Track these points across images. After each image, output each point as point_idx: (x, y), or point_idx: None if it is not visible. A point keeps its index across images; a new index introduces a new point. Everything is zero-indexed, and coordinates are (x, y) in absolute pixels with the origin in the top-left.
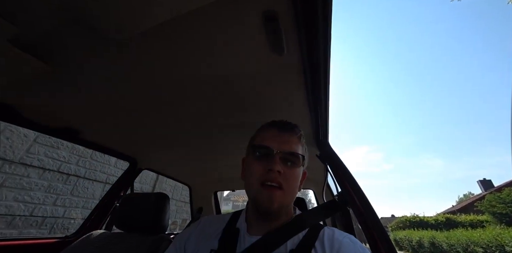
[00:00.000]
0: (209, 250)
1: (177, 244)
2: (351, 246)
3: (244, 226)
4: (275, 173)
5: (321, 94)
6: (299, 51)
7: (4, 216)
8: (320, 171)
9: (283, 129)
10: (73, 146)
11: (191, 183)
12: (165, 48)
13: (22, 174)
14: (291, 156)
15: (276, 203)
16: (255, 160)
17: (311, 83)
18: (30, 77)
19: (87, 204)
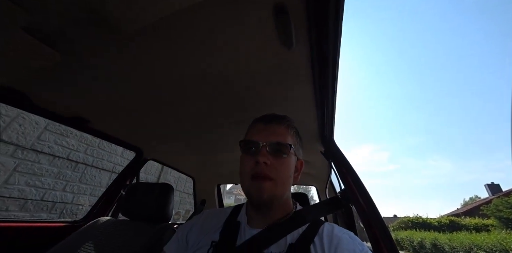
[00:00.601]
0: (210, 242)
1: (179, 235)
2: (350, 242)
3: (244, 219)
4: (262, 165)
5: (328, 90)
6: (308, 46)
7: (17, 200)
8: (324, 168)
9: (269, 122)
10: (82, 135)
11: (195, 175)
12: (173, 43)
13: (33, 160)
14: (278, 146)
15: (266, 194)
16: (245, 155)
17: (318, 78)
18: (43, 66)
19: (95, 191)
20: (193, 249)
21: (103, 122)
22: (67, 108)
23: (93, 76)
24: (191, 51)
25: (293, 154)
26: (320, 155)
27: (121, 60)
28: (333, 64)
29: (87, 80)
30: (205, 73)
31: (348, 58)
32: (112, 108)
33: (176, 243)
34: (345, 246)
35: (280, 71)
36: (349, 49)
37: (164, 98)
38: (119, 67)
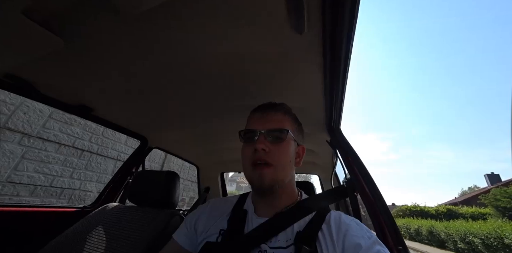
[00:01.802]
0: (218, 230)
1: (188, 224)
2: (358, 229)
3: (251, 207)
4: (260, 152)
5: (339, 79)
6: (321, 31)
7: (27, 186)
8: (328, 157)
9: (265, 110)
10: (86, 123)
11: (199, 164)
12: (180, 26)
13: (40, 147)
14: (275, 133)
15: (267, 180)
16: (245, 144)
17: (329, 66)
18: (45, 53)
19: (101, 178)
20: (202, 237)
21: (107, 110)
22: (70, 95)
23: (96, 63)
24: (197, 35)
25: (291, 139)
26: (325, 144)
27: (125, 45)
28: (345, 52)
29: (91, 67)
30: (211, 59)
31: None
32: (116, 96)
33: (185, 231)
34: (354, 233)
35: (289, 57)
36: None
37: (169, 86)
38: (124, 53)
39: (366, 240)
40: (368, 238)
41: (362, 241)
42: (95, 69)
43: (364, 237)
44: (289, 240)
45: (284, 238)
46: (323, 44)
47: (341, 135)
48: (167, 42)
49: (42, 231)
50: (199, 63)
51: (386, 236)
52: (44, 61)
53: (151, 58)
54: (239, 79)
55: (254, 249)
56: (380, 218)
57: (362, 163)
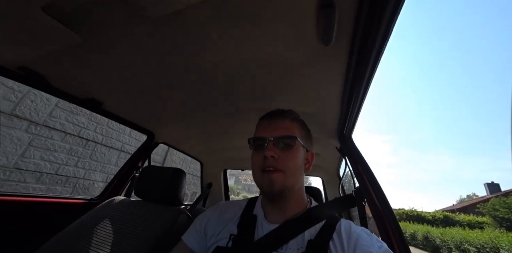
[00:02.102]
0: (228, 235)
1: (197, 227)
2: (368, 239)
3: (261, 212)
4: (269, 159)
5: (360, 88)
6: (349, 43)
7: (33, 173)
8: (334, 162)
9: (273, 117)
10: (91, 113)
11: (202, 160)
12: (198, 27)
13: (46, 136)
14: (284, 139)
15: (277, 185)
16: (255, 152)
17: (352, 77)
18: (60, 47)
19: (105, 168)
20: (212, 241)
21: (116, 105)
22: (81, 89)
23: (109, 59)
24: (213, 38)
25: (300, 145)
26: (332, 148)
27: (139, 44)
28: (373, 64)
29: (103, 62)
30: (228, 61)
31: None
32: (125, 91)
33: (194, 234)
34: (364, 242)
35: (310, 65)
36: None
37: (180, 84)
38: (137, 51)
39: (377, 250)
40: (379, 248)
41: (373, 250)
42: (107, 65)
43: (374, 247)
44: (300, 249)
45: (295, 246)
46: (349, 55)
47: (352, 144)
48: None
49: (51, 222)
50: (215, 64)
51: (394, 248)
52: (58, 56)
53: (164, 57)
54: (253, 82)
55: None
56: (388, 228)
57: (371, 172)
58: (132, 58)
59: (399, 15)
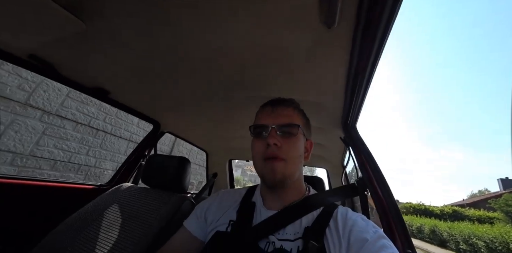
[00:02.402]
0: (228, 220)
1: (198, 213)
2: (363, 224)
3: (259, 200)
4: (273, 147)
5: (364, 76)
6: (353, 26)
7: (48, 160)
8: (338, 152)
9: (276, 105)
10: (100, 103)
11: (208, 149)
12: (202, 15)
13: (59, 125)
14: (287, 128)
15: (279, 173)
16: (256, 139)
17: (356, 62)
18: (67, 35)
19: (114, 157)
20: (212, 226)
21: (123, 94)
22: (89, 78)
23: (114, 47)
24: (219, 22)
25: (301, 134)
26: (337, 139)
27: (144, 30)
28: (376, 50)
29: (109, 50)
30: (230, 47)
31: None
32: (131, 80)
33: (195, 219)
34: (359, 228)
35: (314, 50)
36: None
37: (185, 73)
38: (142, 38)
39: (372, 235)
40: (374, 233)
41: (368, 235)
42: (113, 53)
43: (369, 232)
44: (297, 234)
45: (292, 231)
46: (352, 40)
47: (356, 133)
48: (189, 30)
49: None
50: (219, 52)
51: (395, 238)
52: (66, 44)
53: (170, 45)
54: (257, 70)
55: (262, 240)
56: (390, 219)
57: (375, 163)
58: (137, 45)
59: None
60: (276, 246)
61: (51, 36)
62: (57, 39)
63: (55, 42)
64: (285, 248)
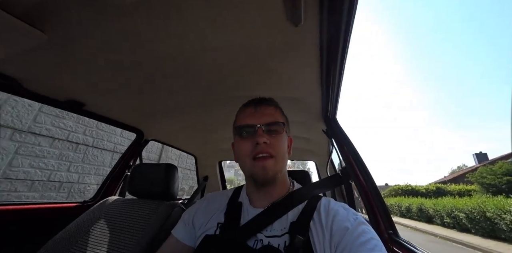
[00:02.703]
0: (216, 223)
1: (186, 220)
2: (344, 213)
3: (246, 199)
4: (262, 145)
5: (336, 69)
6: (318, 23)
7: (24, 181)
8: (324, 145)
9: (258, 104)
10: (78, 116)
11: (196, 153)
12: (171, 16)
13: (33, 142)
14: (273, 126)
15: (271, 171)
16: (242, 139)
17: (326, 57)
18: (27, 47)
19: (99, 171)
20: (201, 231)
21: (99, 105)
22: (60, 91)
23: (84, 57)
24: (190, 24)
25: (285, 131)
26: (321, 132)
27: (114, 38)
28: (343, 44)
29: (79, 60)
30: (206, 49)
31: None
32: (108, 90)
33: (183, 226)
34: (341, 217)
35: (285, 48)
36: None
37: (163, 78)
38: (112, 45)
39: (352, 222)
40: (354, 220)
41: (348, 223)
42: (84, 63)
43: (350, 220)
44: (284, 229)
45: (279, 227)
46: (319, 35)
47: (337, 125)
48: (159, 34)
49: (44, 228)
50: (193, 55)
51: (378, 221)
52: (29, 56)
53: (142, 50)
54: (234, 70)
55: (251, 239)
56: (373, 204)
57: (357, 152)
58: (106, 53)
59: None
60: (264, 243)
61: (10, 49)
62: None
63: (16, 56)
64: (272, 244)
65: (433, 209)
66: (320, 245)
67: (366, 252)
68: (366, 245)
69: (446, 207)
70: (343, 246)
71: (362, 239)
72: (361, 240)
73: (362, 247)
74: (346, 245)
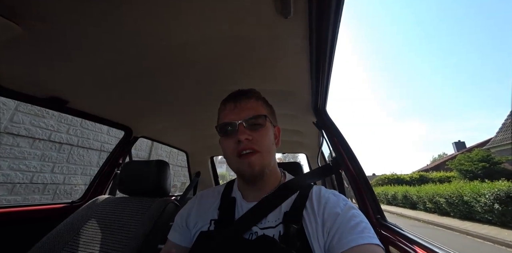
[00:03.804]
0: (209, 220)
1: (179, 223)
2: (334, 200)
3: (239, 194)
4: (244, 142)
5: (325, 61)
6: (307, 15)
7: (4, 184)
8: (314, 137)
9: (238, 99)
10: (60, 114)
11: (187, 149)
12: (158, 9)
13: (11, 144)
14: (254, 120)
15: (257, 166)
16: (225, 137)
17: (315, 49)
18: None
19: (86, 170)
20: (195, 230)
21: (84, 101)
22: (40, 88)
23: (64, 51)
24: (178, 18)
25: (269, 122)
26: (311, 124)
27: (95, 31)
28: (332, 36)
29: (59, 55)
30: (193, 42)
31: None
32: (93, 86)
33: (178, 229)
34: (331, 204)
35: (275, 41)
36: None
37: (149, 73)
38: (94, 39)
39: (342, 208)
40: (344, 205)
41: (339, 209)
42: (64, 58)
43: (340, 206)
44: (278, 220)
45: (273, 219)
46: (309, 28)
47: (327, 117)
48: (145, 28)
49: (31, 230)
50: (180, 49)
51: (367, 207)
52: (3, 51)
53: (126, 44)
54: (223, 64)
55: (246, 233)
56: (362, 192)
57: (347, 143)
58: (88, 47)
59: None
60: (259, 235)
61: None
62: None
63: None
64: (267, 235)
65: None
66: (313, 232)
67: (357, 234)
68: (356, 228)
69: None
70: (334, 230)
71: (352, 223)
72: (352, 224)
73: (352, 230)
74: (338, 229)
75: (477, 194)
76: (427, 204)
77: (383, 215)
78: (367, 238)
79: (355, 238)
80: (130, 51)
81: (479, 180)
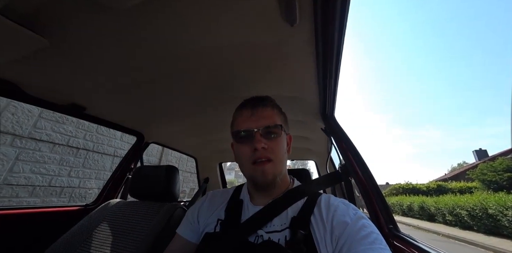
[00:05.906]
0: (216, 219)
1: (190, 218)
2: (344, 208)
3: (247, 197)
4: (260, 150)
5: (332, 67)
6: (313, 23)
7: (25, 186)
8: (323, 143)
9: (255, 106)
10: (78, 121)
11: (196, 155)
12: (169, 17)
13: (33, 148)
14: (270, 129)
15: (270, 175)
16: (240, 144)
17: (322, 55)
18: (28, 53)
19: (100, 175)
20: (203, 227)
21: (99, 108)
22: (61, 95)
23: (85, 60)
24: (188, 26)
25: (284, 132)
26: (320, 131)
27: (113, 41)
28: (338, 42)
29: (79, 64)
30: (203, 50)
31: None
32: (108, 93)
33: (188, 225)
34: (341, 212)
35: (282, 47)
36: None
37: (161, 80)
38: (112, 49)
39: (352, 217)
40: (354, 215)
41: (348, 218)
42: (84, 67)
43: (349, 215)
44: (284, 225)
45: (279, 223)
46: (315, 34)
47: (335, 123)
48: (156, 36)
49: (47, 231)
50: (191, 56)
51: (378, 216)
52: (29, 61)
53: (140, 53)
54: (232, 70)
55: (252, 236)
56: (373, 200)
57: (356, 149)
58: (107, 56)
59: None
60: (264, 239)
61: (11, 55)
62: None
63: (17, 61)
64: (272, 239)
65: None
66: (321, 239)
67: (367, 245)
68: (366, 238)
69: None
70: (344, 240)
71: (363, 233)
72: (362, 234)
73: (362, 241)
74: (347, 239)
75: (504, 207)
76: (447, 217)
77: (396, 224)
78: (377, 250)
79: (364, 249)
80: (145, 58)
81: (505, 192)
